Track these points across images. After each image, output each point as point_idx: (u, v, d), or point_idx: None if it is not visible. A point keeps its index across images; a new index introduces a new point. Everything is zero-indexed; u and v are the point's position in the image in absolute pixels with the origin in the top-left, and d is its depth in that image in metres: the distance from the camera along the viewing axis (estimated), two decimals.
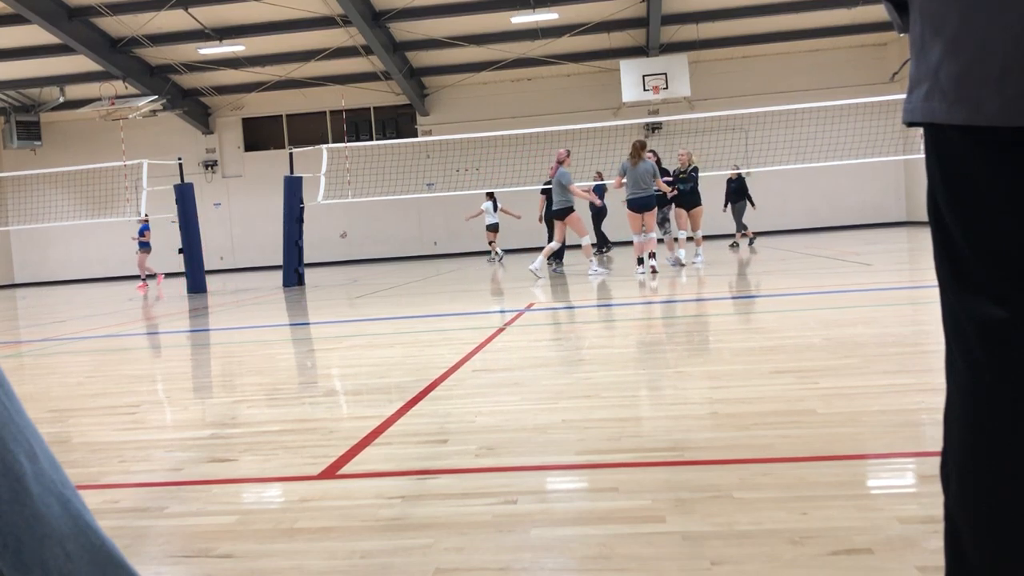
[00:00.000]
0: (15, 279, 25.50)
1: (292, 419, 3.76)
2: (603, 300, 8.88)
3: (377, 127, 24.07)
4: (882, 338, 4.86)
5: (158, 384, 5.26)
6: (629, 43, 20.95)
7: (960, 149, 1.10)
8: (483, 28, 19.90)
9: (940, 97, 1.10)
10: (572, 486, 2.66)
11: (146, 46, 19.81)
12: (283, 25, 19.18)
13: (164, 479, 2.94)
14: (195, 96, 23.55)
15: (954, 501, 1.17)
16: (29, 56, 19.79)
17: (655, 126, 22.40)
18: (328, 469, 2.88)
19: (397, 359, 5.38)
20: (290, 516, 2.43)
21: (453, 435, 3.24)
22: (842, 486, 2.39)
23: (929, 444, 2.74)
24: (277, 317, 9.51)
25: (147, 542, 2.31)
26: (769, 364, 4.29)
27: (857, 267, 10.20)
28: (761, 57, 22.21)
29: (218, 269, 23.40)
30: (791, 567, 1.87)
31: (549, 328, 6.62)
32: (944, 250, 1.16)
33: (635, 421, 3.34)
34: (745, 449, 2.78)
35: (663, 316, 7.07)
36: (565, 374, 4.44)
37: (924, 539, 1.96)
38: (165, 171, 17.90)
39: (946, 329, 1.18)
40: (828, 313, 6.23)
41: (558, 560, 2.01)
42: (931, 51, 1.11)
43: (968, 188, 1.10)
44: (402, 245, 23.99)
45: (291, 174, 15.45)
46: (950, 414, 1.18)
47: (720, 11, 19.40)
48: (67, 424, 3.99)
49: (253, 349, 6.62)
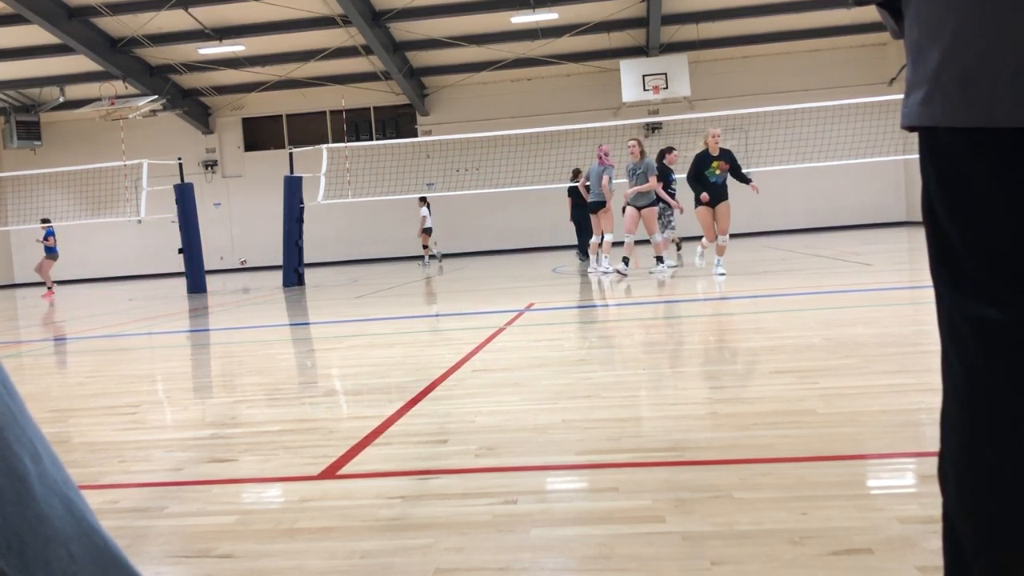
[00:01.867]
0: (15, 279, 25.49)
1: (292, 419, 3.76)
2: (603, 300, 8.88)
3: (377, 127, 24.06)
4: (882, 338, 4.87)
5: (158, 384, 5.26)
6: (629, 43, 20.95)
7: (958, 152, 1.10)
8: (483, 28, 19.90)
9: (941, 100, 1.10)
10: (572, 486, 2.66)
11: (146, 46, 19.81)
12: (283, 25, 19.17)
13: (164, 479, 2.94)
14: (195, 96, 23.55)
15: (952, 502, 1.18)
16: (29, 56, 19.79)
17: (655, 126, 22.40)
18: (328, 469, 2.89)
19: (397, 359, 5.39)
20: (290, 516, 2.43)
21: (453, 435, 3.24)
22: (842, 486, 2.39)
23: (929, 444, 2.74)
24: (277, 317, 9.51)
25: (147, 542, 2.31)
26: (769, 364, 4.29)
27: (857, 267, 10.20)
28: (761, 57, 22.20)
29: (218, 269, 23.41)
30: (791, 567, 1.87)
31: (549, 328, 6.62)
32: (940, 252, 1.16)
33: (635, 421, 3.34)
34: (745, 449, 2.79)
35: (663, 316, 7.07)
36: (565, 374, 4.44)
37: (924, 539, 1.96)
38: (165, 171, 17.89)
39: (942, 331, 1.18)
40: (828, 313, 6.23)
41: (558, 560, 2.01)
42: (930, 55, 1.11)
43: (966, 190, 1.11)
44: (402, 245, 23.98)
45: (291, 174, 15.46)
46: (947, 415, 1.18)
47: (720, 11, 19.40)
48: (67, 424, 3.99)
49: (253, 349, 6.62)
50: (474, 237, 23.53)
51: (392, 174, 21.49)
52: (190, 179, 17.09)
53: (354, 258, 23.88)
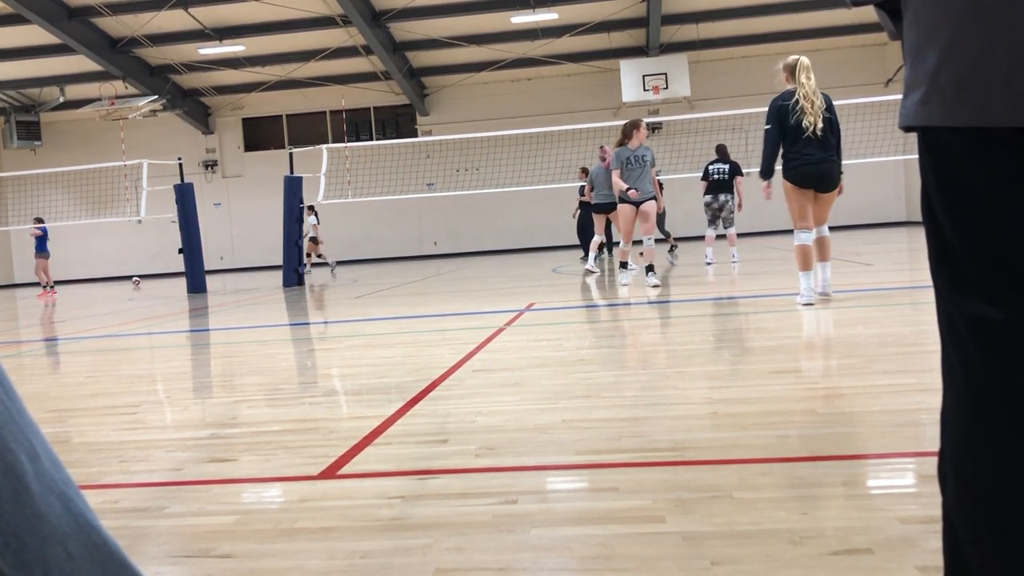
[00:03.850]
0: (15, 279, 25.50)
1: (292, 419, 3.76)
2: (603, 300, 8.88)
3: (377, 127, 24.07)
4: (882, 338, 4.86)
5: (158, 384, 5.26)
6: (629, 43, 20.95)
7: (956, 151, 1.11)
8: (483, 28, 19.90)
9: (939, 100, 1.10)
10: (572, 486, 2.66)
11: (146, 46, 19.81)
12: (283, 25, 19.18)
13: (164, 479, 2.94)
14: (195, 96, 23.55)
15: (952, 502, 1.18)
16: (29, 56, 19.79)
17: (655, 126, 22.40)
18: (328, 469, 2.88)
19: (397, 359, 5.38)
20: (290, 516, 2.43)
21: (453, 435, 3.24)
22: (842, 486, 2.39)
23: (929, 444, 2.74)
24: (277, 317, 9.51)
25: (147, 542, 2.31)
26: (769, 364, 4.29)
27: (857, 267, 10.20)
28: (761, 57, 22.19)
29: (218, 269, 23.41)
30: (791, 567, 1.87)
31: (549, 328, 6.62)
32: (939, 252, 1.16)
33: (635, 421, 3.34)
34: (745, 449, 2.79)
35: (663, 316, 7.07)
36: (565, 374, 4.44)
37: (924, 539, 1.96)
38: (165, 171, 17.89)
39: (942, 331, 1.18)
40: (828, 313, 6.23)
41: (558, 560, 2.01)
42: (927, 56, 1.11)
43: (965, 190, 1.11)
44: (402, 245, 23.98)
45: (291, 174, 15.46)
46: (947, 415, 1.18)
47: (720, 11, 19.40)
48: (67, 424, 3.99)
49: (253, 349, 6.62)
50: (474, 237, 23.53)
51: (392, 174, 21.49)
52: (190, 179, 17.09)
53: (354, 258, 23.89)
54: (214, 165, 24.63)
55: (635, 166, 9.60)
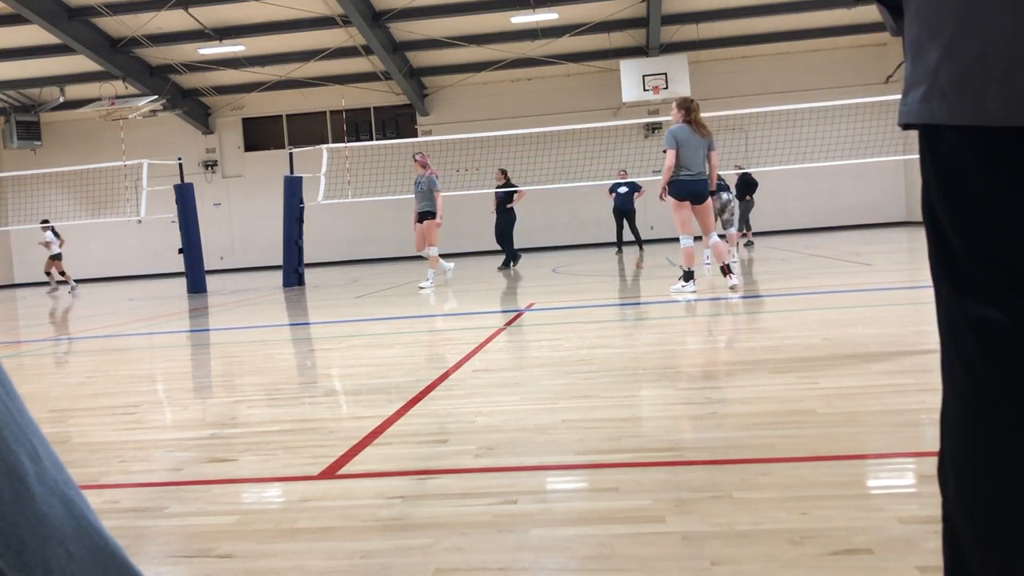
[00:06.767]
0: (15, 279, 25.49)
1: (292, 419, 3.76)
2: (603, 300, 8.88)
3: (377, 127, 24.06)
4: (882, 338, 4.86)
5: (158, 384, 5.26)
6: (629, 43, 20.94)
7: (957, 150, 1.10)
8: (483, 28, 19.89)
9: (939, 98, 1.10)
10: (572, 486, 2.66)
11: (146, 46, 19.80)
12: (283, 25, 19.17)
13: (164, 479, 2.94)
14: (195, 96, 23.54)
15: (952, 503, 1.18)
16: (29, 56, 19.78)
17: (655, 126, 22.40)
18: (328, 469, 2.88)
19: (397, 359, 5.38)
20: (290, 516, 2.43)
21: (453, 435, 3.24)
22: (842, 486, 2.39)
23: (929, 444, 2.74)
24: (277, 317, 9.51)
25: (147, 542, 2.31)
26: (769, 364, 4.29)
27: (857, 267, 10.20)
28: (761, 57, 22.21)
29: (218, 269, 23.40)
30: (791, 567, 1.87)
31: (549, 328, 6.62)
32: (940, 253, 1.16)
33: (635, 421, 3.34)
34: (745, 449, 2.79)
35: (663, 316, 7.06)
36: (565, 374, 4.44)
37: (924, 539, 1.96)
38: (165, 171, 17.88)
39: (942, 332, 1.18)
40: (828, 313, 6.23)
41: (558, 560, 2.01)
42: (929, 53, 1.11)
43: (965, 189, 1.10)
44: (402, 245, 23.97)
45: (291, 174, 15.46)
46: (947, 416, 1.18)
47: (720, 11, 19.39)
48: (67, 424, 3.99)
49: (253, 349, 6.62)
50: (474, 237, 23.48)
51: (392, 174, 21.48)
52: (190, 179, 17.09)
53: (354, 258, 23.88)
54: (214, 165, 24.62)
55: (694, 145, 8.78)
